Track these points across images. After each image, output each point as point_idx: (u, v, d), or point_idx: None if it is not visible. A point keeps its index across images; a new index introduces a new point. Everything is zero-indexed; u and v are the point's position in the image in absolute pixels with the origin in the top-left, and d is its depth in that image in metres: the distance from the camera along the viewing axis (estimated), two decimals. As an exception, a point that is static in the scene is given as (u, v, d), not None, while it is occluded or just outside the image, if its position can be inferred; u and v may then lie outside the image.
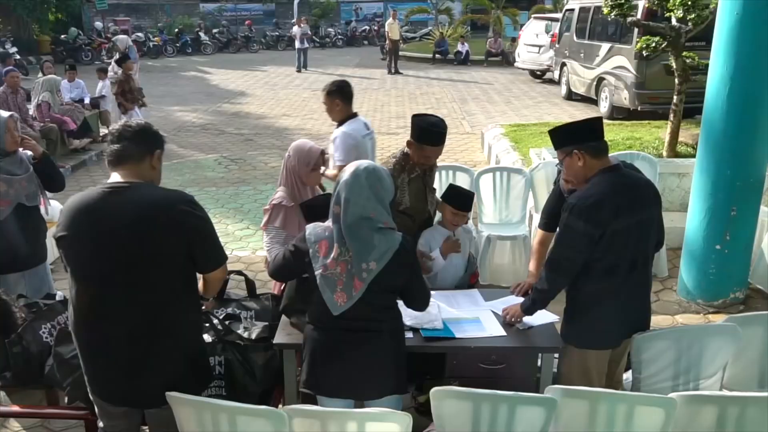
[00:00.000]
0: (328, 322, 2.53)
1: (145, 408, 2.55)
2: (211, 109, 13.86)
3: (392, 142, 10.64)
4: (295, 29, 21.31)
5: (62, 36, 23.52)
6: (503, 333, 2.97)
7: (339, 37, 30.09)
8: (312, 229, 2.58)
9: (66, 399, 2.84)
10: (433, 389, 2.39)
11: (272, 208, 3.33)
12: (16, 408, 3.09)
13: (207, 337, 2.95)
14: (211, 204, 7.34)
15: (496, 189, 5.40)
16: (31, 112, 9.23)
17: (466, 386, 2.38)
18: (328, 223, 2.57)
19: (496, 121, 11.19)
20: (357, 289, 2.46)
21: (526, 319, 2.99)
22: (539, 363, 3.00)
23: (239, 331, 3.08)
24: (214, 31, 27.95)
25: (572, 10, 13.78)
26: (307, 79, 18.86)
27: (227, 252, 2.79)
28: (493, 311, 3.15)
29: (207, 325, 2.96)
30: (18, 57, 16.39)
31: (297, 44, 20.85)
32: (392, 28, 19.83)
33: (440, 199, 3.73)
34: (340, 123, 4.36)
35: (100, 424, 2.68)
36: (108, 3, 25.65)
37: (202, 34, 27.00)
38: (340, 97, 4.33)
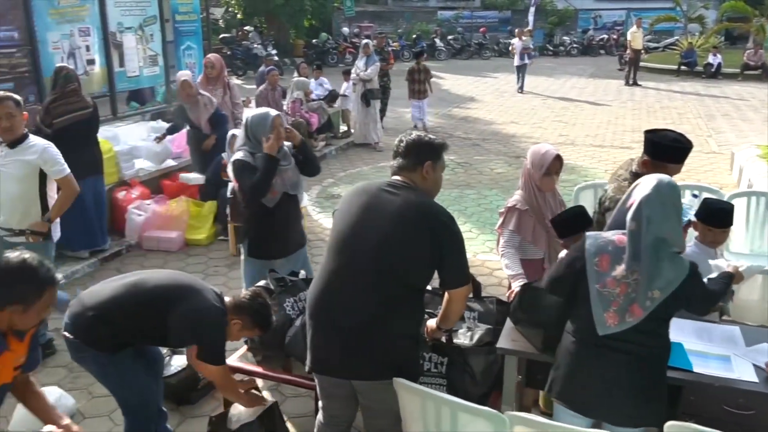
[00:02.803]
0: (589, 337, 2.44)
1: (354, 379, 2.65)
2: (441, 113, 14.26)
3: (625, 156, 9.99)
4: (515, 42, 17.64)
5: (313, 40, 25.83)
6: (755, 379, 2.63)
7: (574, 45, 29.17)
8: (593, 239, 2.47)
9: (306, 368, 3.10)
10: (669, 423, 2.23)
11: (507, 210, 3.35)
12: (258, 369, 3.46)
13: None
14: (435, 204, 7.53)
15: (749, 215, 4.85)
16: (285, 107, 10.29)
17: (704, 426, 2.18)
18: (611, 235, 2.45)
19: (750, 141, 10.02)
20: (635, 316, 2.33)
21: None
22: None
23: (462, 331, 3.13)
24: (449, 37, 28.64)
25: None
26: (537, 87, 18.54)
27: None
28: (752, 362, 2.74)
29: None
30: (276, 58, 18.34)
31: (516, 60, 17.28)
32: (635, 37, 18.65)
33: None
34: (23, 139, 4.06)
35: (320, 404, 2.90)
36: (355, 10, 27.62)
37: (437, 40, 27.78)
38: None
